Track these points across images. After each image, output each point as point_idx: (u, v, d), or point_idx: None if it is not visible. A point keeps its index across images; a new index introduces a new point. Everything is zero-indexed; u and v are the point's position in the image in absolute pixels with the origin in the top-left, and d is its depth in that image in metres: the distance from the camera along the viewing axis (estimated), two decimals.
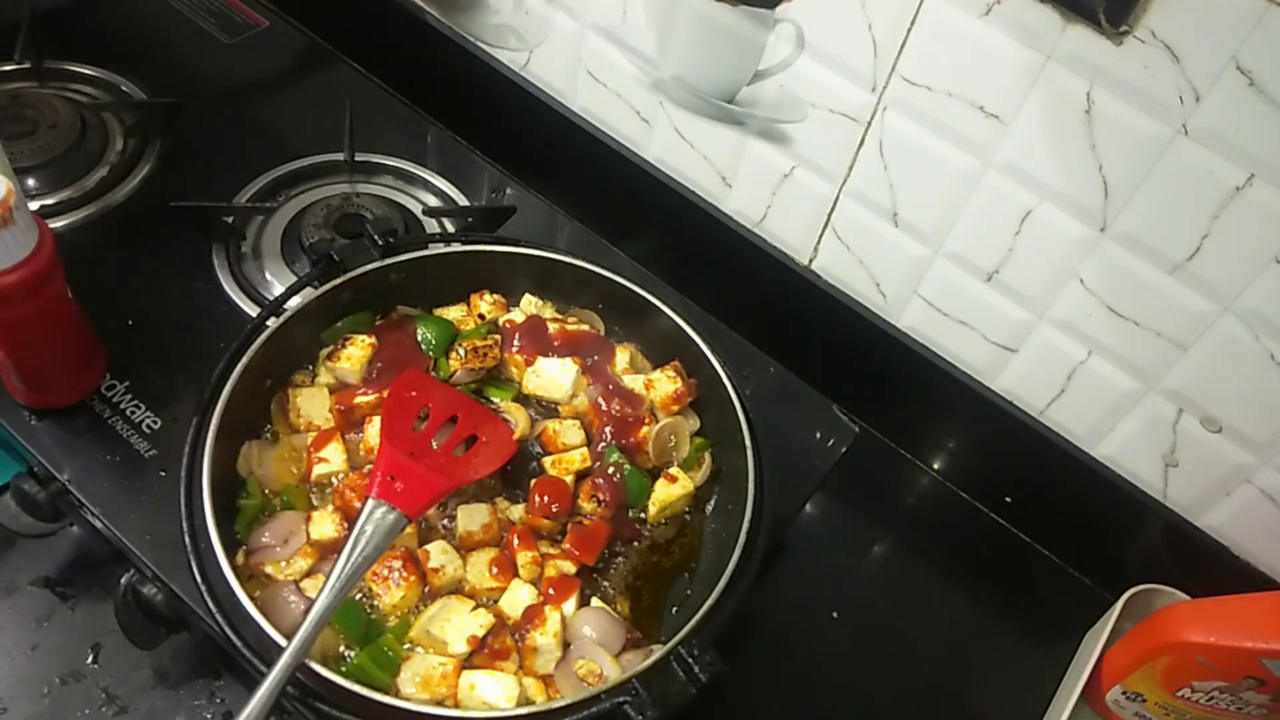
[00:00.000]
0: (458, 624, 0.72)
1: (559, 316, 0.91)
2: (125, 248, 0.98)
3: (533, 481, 0.81)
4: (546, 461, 0.83)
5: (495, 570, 0.76)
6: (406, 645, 0.72)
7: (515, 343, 0.87)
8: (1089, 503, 0.93)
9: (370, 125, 1.13)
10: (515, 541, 0.77)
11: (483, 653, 0.72)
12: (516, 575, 0.77)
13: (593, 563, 0.79)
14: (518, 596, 0.75)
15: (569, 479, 0.81)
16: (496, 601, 0.75)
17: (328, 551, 0.74)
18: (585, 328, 0.90)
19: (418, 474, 0.72)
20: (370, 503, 0.70)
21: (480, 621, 0.72)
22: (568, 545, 0.79)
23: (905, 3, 0.75)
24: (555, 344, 0.88)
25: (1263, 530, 0.84)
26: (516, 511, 0.80)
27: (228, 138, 1.10)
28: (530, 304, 0.91)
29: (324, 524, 0.75)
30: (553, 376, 0.86)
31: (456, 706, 0.69)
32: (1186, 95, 0.67)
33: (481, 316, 0.90)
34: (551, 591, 0.76)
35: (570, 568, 0.78)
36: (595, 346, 0.89)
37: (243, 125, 1.12)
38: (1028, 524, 0.99)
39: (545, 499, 0.79)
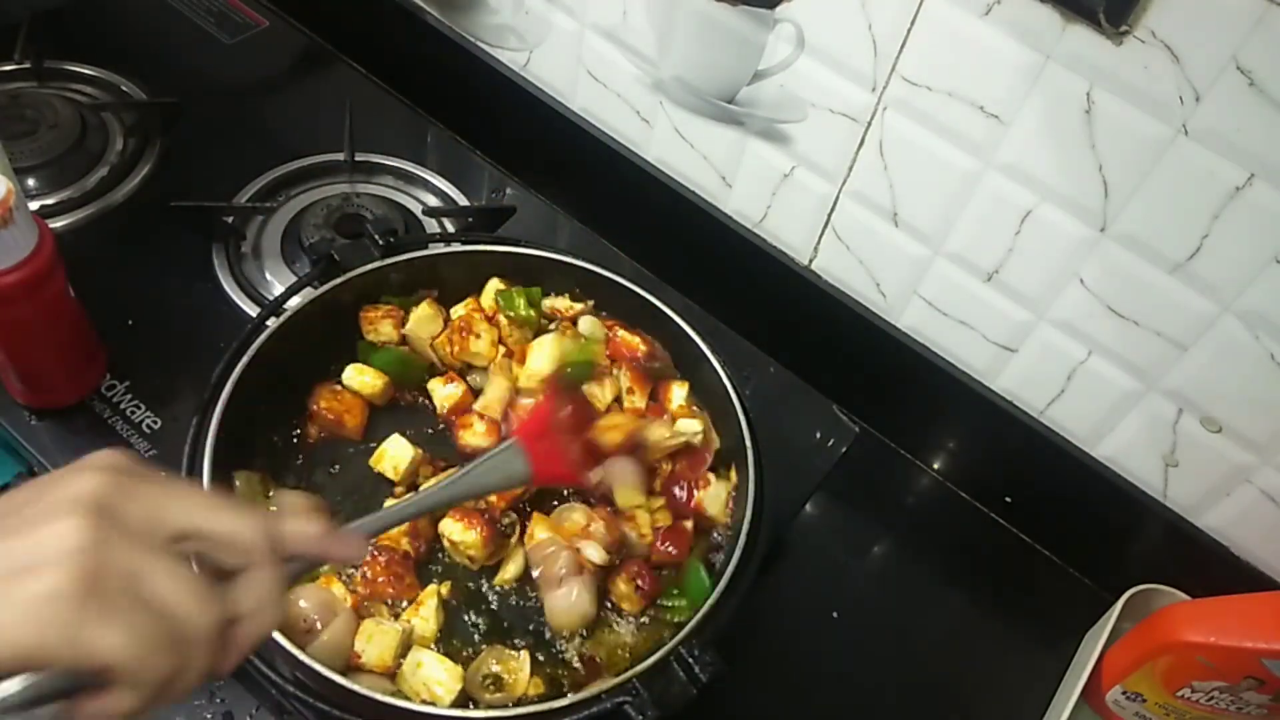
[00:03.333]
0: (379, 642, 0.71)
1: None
2: (125, 248, 0.98)
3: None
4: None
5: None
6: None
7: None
8: (1089, 503, 0.93)
9: (370, 125, 1.13)
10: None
11: None
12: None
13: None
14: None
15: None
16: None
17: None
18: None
19: (562, 451, 0.72)
20: (511, 441, 0.69)
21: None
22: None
23: (905, 3, 0.75)
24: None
25: (1263, 530, 0.84)
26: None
27: (228, 138, 1.10)
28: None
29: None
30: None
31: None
32: (1186, 95, 0.67)
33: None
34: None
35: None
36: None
37: (243, 125, 1.12)
38: (1028, 524, 0.99)
39: (666, 544, 0.78)
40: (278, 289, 0.96)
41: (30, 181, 0.99)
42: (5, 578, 0.39)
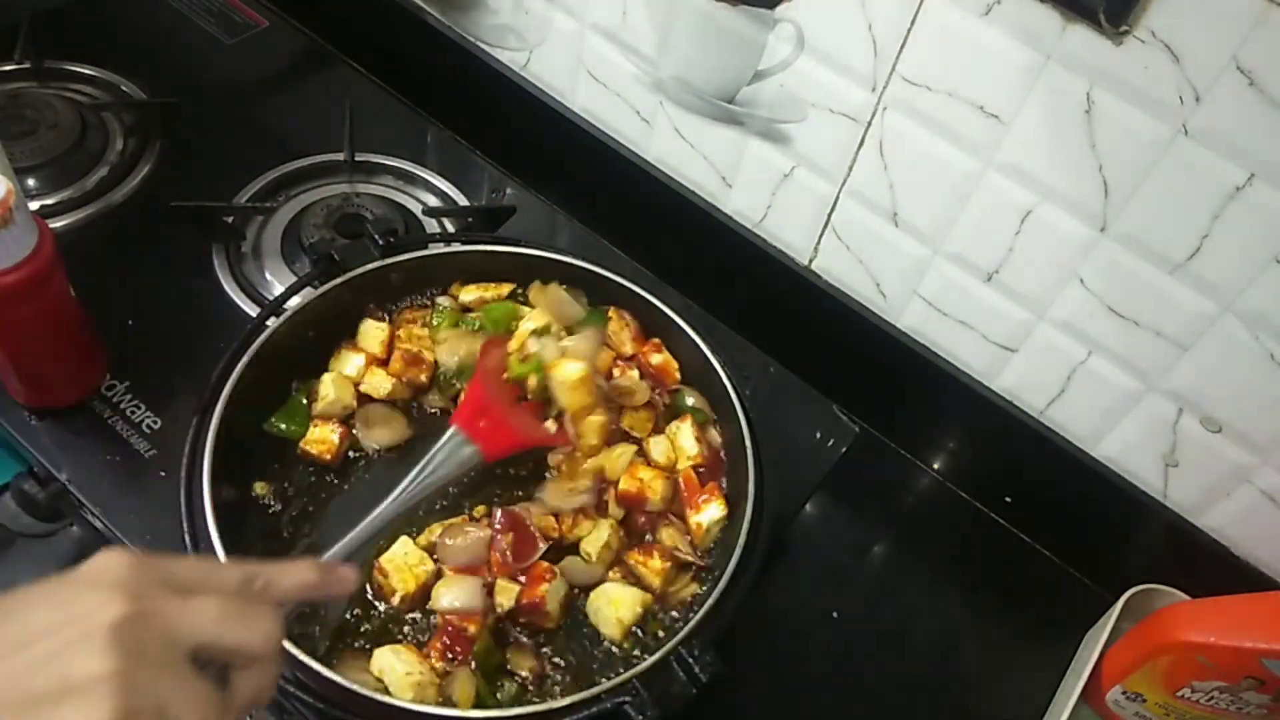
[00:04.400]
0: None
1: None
2: (125, 248, 0.98)
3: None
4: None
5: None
6: None
7: None
8: (1089, 503, 0.93)
9: (370, 125, 1.13)
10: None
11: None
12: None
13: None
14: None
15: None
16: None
17: None
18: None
19: (504, 421, 0.73)
20: (451, 430, 0.71)
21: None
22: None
23: (905, 3, 0.75)
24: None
25: (1263, 530, 0.84)
26: None
27: (228, 138, 1.10)
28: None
29: None
30: None
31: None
32: (1186, 95, 0.67)
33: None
34: None
35: None
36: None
37: (243, 125, 1.12)
38: (1028, 524, 0.99)
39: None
40: (278, 289, 0.96)
41: (30, 181, 0.99)
42: (34, 711, 0.39)
